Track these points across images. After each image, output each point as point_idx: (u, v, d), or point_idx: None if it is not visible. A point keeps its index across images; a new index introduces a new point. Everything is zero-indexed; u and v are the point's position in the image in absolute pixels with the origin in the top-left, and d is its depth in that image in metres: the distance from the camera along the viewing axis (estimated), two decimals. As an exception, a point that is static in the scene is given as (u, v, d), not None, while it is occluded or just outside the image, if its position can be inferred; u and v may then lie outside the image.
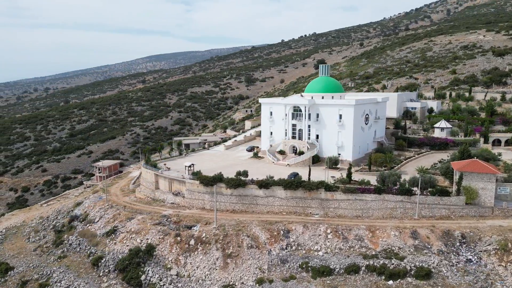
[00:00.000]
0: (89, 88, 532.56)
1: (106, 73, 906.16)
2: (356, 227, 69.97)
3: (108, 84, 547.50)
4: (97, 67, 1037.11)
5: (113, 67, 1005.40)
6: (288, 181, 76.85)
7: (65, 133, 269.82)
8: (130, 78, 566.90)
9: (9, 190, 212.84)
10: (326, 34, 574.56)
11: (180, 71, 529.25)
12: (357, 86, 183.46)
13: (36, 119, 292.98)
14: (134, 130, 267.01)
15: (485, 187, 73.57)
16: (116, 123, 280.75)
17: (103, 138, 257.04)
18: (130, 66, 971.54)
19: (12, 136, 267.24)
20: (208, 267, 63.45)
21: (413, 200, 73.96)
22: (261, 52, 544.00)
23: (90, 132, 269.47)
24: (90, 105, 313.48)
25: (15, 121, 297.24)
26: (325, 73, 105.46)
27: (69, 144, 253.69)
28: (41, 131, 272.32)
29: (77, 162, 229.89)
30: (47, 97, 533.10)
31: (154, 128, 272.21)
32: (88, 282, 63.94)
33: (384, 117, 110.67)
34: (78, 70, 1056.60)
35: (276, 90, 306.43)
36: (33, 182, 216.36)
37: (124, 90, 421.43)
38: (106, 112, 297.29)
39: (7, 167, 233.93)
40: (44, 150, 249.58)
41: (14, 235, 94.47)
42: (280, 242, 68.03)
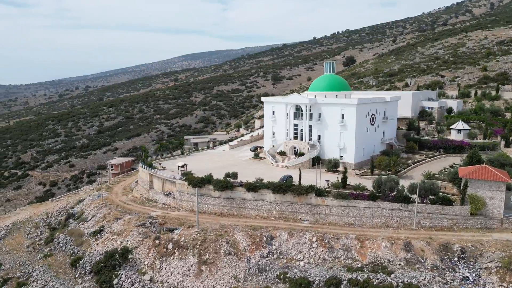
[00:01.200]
0: (124, 86, 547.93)
1: (144, 72, 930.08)
2: (345, 236, 65.11)
3: (142, 82, 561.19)
4: (136, 66, 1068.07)
5: (151, 66, 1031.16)
6: (276, 184, 73.02)
7: (94, 130, 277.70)
8: (163, 77, 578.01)
9: (38, 184, 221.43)
10: (359, 31, 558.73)
11: (211, 70, 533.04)
12: (378, 84, 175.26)
13: (68, 116, 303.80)
14: (159, 127, 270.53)
15: (493, 196, 66.43)
16: (143, 120, 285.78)
17: (129, 135, 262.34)
18: (166, 65, 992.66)
19: (44, 132, 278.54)
20: (182, 273, 61.04)
21: (411, 208, 68.03)
22: (292, 50, 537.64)
23: (117, 129, 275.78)
24: (119, 103, 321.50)
25: (49, 118, 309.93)
26: (330, 70, 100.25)
27: (97, 140, 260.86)
28: (71, 127, 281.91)
29: (102, 158, 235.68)
30: (85, 95, 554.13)
31: (179, 126, 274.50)
32: (63, 283, 63.44)
33: (395, 117, 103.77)
34: (118, 69, 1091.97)
35: (302, 88, 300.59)
36: (61, 177, 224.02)
37: (154, 89, 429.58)
38: (133, 109, 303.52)
39: (38, 162, 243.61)
40: (73, 146, 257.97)
41: (17, 231, 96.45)
42: (262, 250, 64.45)
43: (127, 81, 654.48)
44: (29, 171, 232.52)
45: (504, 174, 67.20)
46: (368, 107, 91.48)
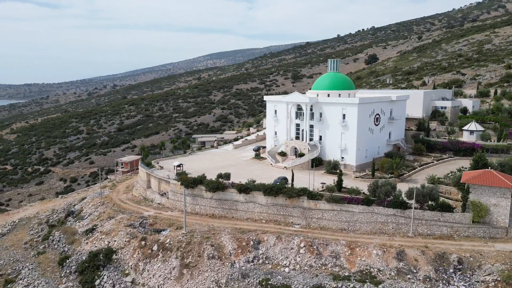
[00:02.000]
0: (149, 85, 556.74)
1: (170, 71, 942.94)
2: (335, 242, 62.13)
3: (166, 81, 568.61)
4: (162, 65, 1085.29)
5: (177, 65, 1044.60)
6: (268, 186, 70.71)
7: (114, 127, 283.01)
8: (186, 75, 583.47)
9: (59, 180, 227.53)
10: (385, 28, 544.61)
11: (233, 68, 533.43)
12: (395, 82, 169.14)
13: (91, 114, 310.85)
14: (177, 126, 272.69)
15: (498, 203, 61.76)
16: (162, 118, 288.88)
17: (148, 133, 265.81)
18: (192, 64, 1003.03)
19: (67, 129, 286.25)
20: (163, 276, 59.86)
21: (407, 214, 64.21)
22: (315, 48, 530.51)
23: (137, 127, 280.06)
24: (140, 101, 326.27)
25: (73, 115, 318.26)
26: (334, 68, 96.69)
27: (116, 138, 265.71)
28: (93, 125, 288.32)
29: (121, 156, 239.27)
30: (111, 94, 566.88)
31: (197, 124, 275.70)
32: (48, 282, 63.60)
33: (403, 118, 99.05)
34: (145, 68, 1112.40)
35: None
36: (81, 173, 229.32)
37: (174, 88, 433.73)
38: (153, 108, 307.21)
39: (60, 158, 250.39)
40: (93, 143, 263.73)
41: (22, 227, 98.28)
42: (248, 254, 62.41)
43: (151, 80, 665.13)
44: (51, 167, 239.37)
45: (510, 180, 62.31)
46: (372, 107, 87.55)
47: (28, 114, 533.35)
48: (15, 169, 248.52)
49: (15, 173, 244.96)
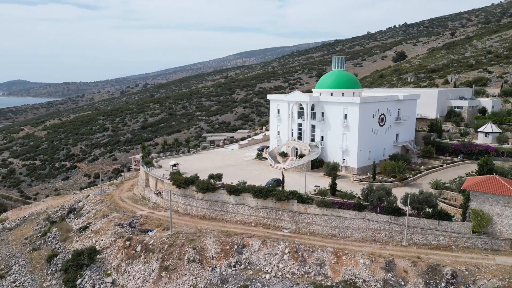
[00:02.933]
0: (177, 84, 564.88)
1: (200, 70, 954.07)
2: (321, 249, 59.06)
3: (194, 79, 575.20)
4: (193, 64, 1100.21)
5: (207, 64, 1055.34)
6: (257, 188, 68.36)
7: (138, 125, 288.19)
8: (214, 74, 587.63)
9: (84, 176, 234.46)
10: (418, 24, 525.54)
11: (260, 67, 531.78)
12: (417, 81, 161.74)
13: (117, 112, 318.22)
14: (199, 124, 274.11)
15: (501, 212, 56.67)
16: (184, 117, 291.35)
17: (170, 131, 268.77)
18: (221, 63, 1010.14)
19: (94, 127, 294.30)
20: (142, 278, 58.95)
21: (401, 222, 60.13)
22: (343, 46, 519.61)
23: (160, 125, 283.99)
24: (164, 100, 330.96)
25: (100, 113, 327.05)
26: (339, 66, 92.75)
27: (140, 135, 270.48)
28: (118, 123, 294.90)
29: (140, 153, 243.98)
30: (141, 92, 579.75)
31: (218, 123, 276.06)
32: (34, 279, 64.29)
33: (413, 118, 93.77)
34: (177, 67, 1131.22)
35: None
36: (104, 169, 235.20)
37: (201, 86, 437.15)
38: (177, 106, 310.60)
39: (86, 155, 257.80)
40: (117, 140, 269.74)
41: (30, 222, 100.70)
42: (230, 258, 60.46)
43: (180, 78, 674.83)
44: (77, 163, 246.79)
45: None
46: (376, 106, 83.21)
47: (63, 111, 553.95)
48: (43, 164, 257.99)
49: (43, 168, 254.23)
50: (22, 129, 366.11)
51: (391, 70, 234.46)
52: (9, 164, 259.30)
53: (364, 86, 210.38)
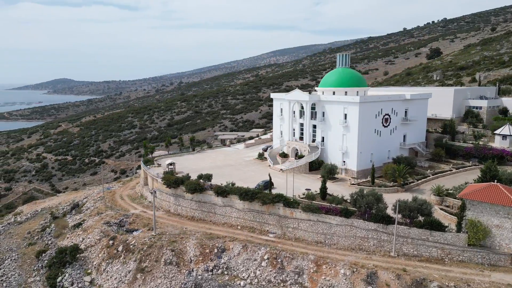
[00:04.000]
0: (209, 82, 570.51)
1: (234, 68, 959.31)
2: (302, 257, 56.00)
3: (225, 78, 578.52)
4: (227, 63, 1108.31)
5: (241, 62, 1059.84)
6: (243, 190, 66.04)
7: (165, 123, 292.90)
8: (245, 73, 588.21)
9: (111, 171, 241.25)
10: (458, 20, 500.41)
11: (291, 65, 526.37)
12: (443, 79, 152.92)
13: (145, 109, 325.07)
14: (223, 122, 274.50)
15: (501, 224, 51.37)
16: (210, 115, 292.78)
17: (195, 129, 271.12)
18: (255, 61, 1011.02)
19: (123, 124, 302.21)
20: (118, 279, 58.30)
21: (390, 230, 55.90)
22: (377, 43, 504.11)
23: (185, 123, 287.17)
24: (192, 98, 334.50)
25: (130, 111, 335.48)
26: (343, 63, 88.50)
27: (165, 133, 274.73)
28: (146, 120, 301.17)
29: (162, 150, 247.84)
30: (174, 90, 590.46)
31: (242, 121, 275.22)
32: (21, 274, 65.36)
33: (424, 118, 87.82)
34: (212, 66, 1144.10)
35: (374, 84, 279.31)
36: (130, 165, 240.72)
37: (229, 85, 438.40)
38: (203, 104, 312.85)
39: (113, 151, 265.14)
40: (144, 137, 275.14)
41: (40, 216, 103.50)
42: (209, 262, 58.66)
43: (212, 77, 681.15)
44: (105, 159, 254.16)
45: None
46: (379, 106, 78.50)
47: (101, 109, 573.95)
48: (74, 159, 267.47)
49: (73, 163, 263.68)
50: (60, 125, 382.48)
51: (420, 67, 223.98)
52: (43, 158, 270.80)
53: (390, 84, 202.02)
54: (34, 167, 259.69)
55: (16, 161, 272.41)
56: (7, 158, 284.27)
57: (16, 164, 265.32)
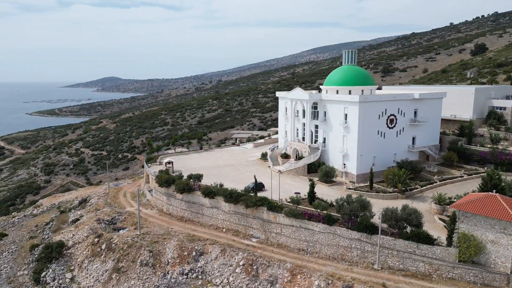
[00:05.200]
0: (245, 80, 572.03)
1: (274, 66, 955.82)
2: (279, 264, 53.11)
3: (261, 76, 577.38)
4: (267, 61, 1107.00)
5: (280, 60, 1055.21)
6: (228, 192, 63.92)
7: (196, 120, 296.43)
8: (282, 70, 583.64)
9: (141, 167, 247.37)
10: (510, 13, 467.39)
11: (328, 63, 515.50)
12: (477, 77, 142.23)
13: (178, 107, 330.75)
14: (252, 120, 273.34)
15: (496, 240, 45.79)
16: (239, 113, 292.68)
17: (223, 127, 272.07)
18: (295, 59, 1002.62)
19: (156, 121, 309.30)
20: (95, 278, 58.22)
21: (375, 241, 51.64)
22: (421, 39, 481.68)
23: (215, 121, 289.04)
24: (223, 96, 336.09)
25: (163, 108, 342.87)
26: (350, 60, 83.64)
27: (196, 130, 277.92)
28: (178, 118, 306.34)
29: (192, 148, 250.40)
30: (211, 89, 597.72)
31: (271, 120, 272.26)
32: (13, 267, 67.09)
33: (437, 119, 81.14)
34: (251, 64, 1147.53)
35: (411, 81, 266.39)
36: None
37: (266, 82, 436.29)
38: (233, 102, 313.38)
39: (145, 147, 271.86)
40: (175, 134, 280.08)
41: (54, 210, 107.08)
42: (185, 265, 57.20)
43: (248, 75, 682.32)
44: (137, 155, 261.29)
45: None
46: (383, 106, 73.32)
47: (142, 106, 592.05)
48: (108, 154, 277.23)
49: (108, 158, 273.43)
50: (101, 122, 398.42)
51: (457, 65, 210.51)
52: (81, 153, 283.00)
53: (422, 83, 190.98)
54: (72, 161, 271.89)
55: (56, 155, 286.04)
56: (49, 152, 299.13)
57: (56, 158, 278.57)
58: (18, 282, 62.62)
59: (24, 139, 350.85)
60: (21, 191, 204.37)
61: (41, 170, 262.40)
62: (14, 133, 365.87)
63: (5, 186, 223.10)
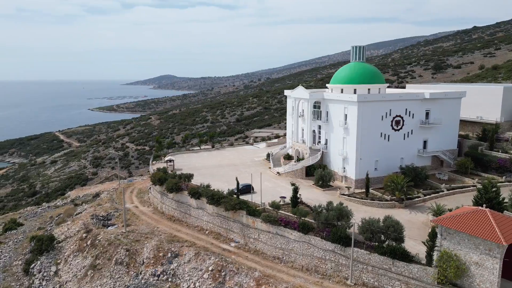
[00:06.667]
0: (291, 78, 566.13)
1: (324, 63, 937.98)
2: (247, 272, 50.38)
3: (309, 73, 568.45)
4: (318, 58, 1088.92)
5: (332, 57, 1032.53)
6: (210, 193, 62.02)
7: (235, 118, 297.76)
8: (330, 68, 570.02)
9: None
10: None
11: (379, 59, 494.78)
12: None
13: (219, 105, 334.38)
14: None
15: (481, 262, 39.86)
16: (278, 111, 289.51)
17: (261, 125, 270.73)
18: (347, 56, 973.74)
19: (197, 118, 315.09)
20: (73, 273, 58.96)
21: (349, 254, 47.23)
22: (483, 33, 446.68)
23: (253, 119, 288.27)
24: (264, 94, 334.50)
25: (205, 106, 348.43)
26: (358, 57, 78.05)
27: (234, 128, 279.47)
28: (218, 115, 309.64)
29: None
30: (258, 86, 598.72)
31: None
32: (11, 257, 70.06)
33: (455, 122, 73.28)
34: (302, 61, 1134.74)
35: (464, 79, 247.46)
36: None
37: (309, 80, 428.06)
38: (273, 100, 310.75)
39: (184, 143, 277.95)
40: (214, 131, 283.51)
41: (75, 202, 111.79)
42: (158, 267, 56.22)
43: (295, 72, 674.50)
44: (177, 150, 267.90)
45: (509, 230, 39.23)
46: (387, 106, 67.43)
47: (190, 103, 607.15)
48: (150, 149, 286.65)
49: (150, 153, 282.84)
50: (150, 118, 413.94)
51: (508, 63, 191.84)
52: (126, 148, 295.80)
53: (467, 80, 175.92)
54: (118, 155, 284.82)
55: (105, 149, 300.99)
56: (98, 146, 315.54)
57: (104, 152, 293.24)
58: (11, 272, 65.35)
59: (82, 133, 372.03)
60: (71, 182, 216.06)
61: (90, 162, 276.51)
62: (74, 127, 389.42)
63: (58, 177, 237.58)
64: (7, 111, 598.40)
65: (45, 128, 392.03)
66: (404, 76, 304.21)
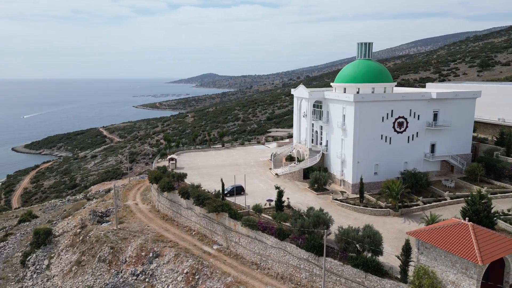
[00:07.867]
0: (330, 76, 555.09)
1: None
2: (220, 277, 48.77)
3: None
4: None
5: (376, 54, 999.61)
6: (197, 193, 60.84)
7: (265, 116, 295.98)
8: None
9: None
10: None
11: (423, 56, 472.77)
12: None
13: (251, 103, 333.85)
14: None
15: (458, 282, 35.90)
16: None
17: (290, 124, 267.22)
18: (392, 52, 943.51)
19: (229, 116, 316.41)
20: (60, 268, 60.02)
21: (322, 264, 44.28)
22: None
23: (284, 117, 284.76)
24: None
25: (238, 104, 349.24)
26: (364, 54, 73.59)
27: (264, 126, 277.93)
28: (249, 113, 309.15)
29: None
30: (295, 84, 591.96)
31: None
32: (15, 248, 72.73)
33: (469, 124, 67.05)
34: (344, 59, 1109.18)
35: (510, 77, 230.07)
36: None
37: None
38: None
39: (215, 141, 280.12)
40: (244, 130, 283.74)
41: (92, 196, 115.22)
42: (139, 266, 55.92)
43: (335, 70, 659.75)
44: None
45: (491, 248, 34.87)
46: (388, 106, 62.94)
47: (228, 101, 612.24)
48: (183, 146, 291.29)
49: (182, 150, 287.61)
50: (187, 116, 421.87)
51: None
52: (160, 144, 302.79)
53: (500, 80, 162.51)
54: (152, 151, 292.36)
55: (141, 145, 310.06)
56: (135, 142, 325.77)
57: (140, 148, 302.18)
58: (11, 263, 67.89)
59: (123, 129, 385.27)
60: (107, 176, 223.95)
61: (126, 158, 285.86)
62: (116, 124, 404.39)
63: (96, 171, 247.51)
64: (63, 107, 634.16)
65: (92, 124, 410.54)
66: (446, 74, 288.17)
